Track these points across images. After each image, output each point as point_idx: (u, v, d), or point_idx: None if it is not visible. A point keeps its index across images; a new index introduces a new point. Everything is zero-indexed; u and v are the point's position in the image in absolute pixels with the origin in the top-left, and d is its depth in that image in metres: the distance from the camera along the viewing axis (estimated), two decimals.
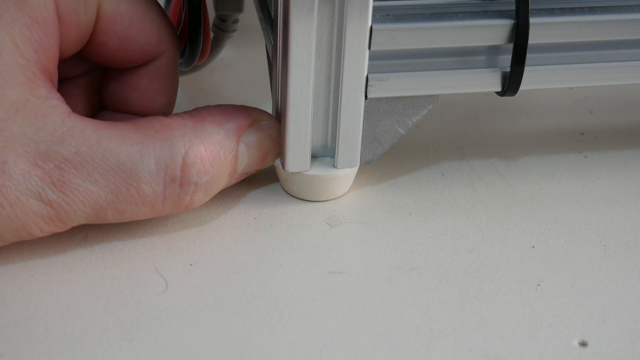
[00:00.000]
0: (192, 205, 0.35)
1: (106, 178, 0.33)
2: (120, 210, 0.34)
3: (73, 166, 0.33)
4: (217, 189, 0.36)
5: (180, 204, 0.35)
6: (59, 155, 0.32)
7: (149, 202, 0.34)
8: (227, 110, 0.36)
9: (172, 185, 0.34)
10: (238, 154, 0.36)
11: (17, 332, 0.32)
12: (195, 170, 0.34)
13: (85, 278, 0.34)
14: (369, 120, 0.37)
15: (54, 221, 0.33)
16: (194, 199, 0.35)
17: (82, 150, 0.33)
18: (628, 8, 0.36)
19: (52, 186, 0.32)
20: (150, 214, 0.34)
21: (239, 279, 0.34)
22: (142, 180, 0.33)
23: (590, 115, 0.46)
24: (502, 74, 0.37)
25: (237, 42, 0.47)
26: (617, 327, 0.33)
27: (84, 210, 0.33)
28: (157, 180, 0.34)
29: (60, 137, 0.32)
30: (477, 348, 0.32)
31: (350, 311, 0.33)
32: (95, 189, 0.33)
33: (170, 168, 0.34)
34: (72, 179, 0.33)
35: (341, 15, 0.34)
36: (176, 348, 0.31)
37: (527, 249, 0.36)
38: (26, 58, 0.32)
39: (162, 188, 0.34)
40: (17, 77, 0.32)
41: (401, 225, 0.37)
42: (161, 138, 0.34)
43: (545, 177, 0.41)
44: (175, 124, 0.34)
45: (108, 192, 0.33)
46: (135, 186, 0.33)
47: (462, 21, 0.35)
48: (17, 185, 0.32)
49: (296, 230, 0.37)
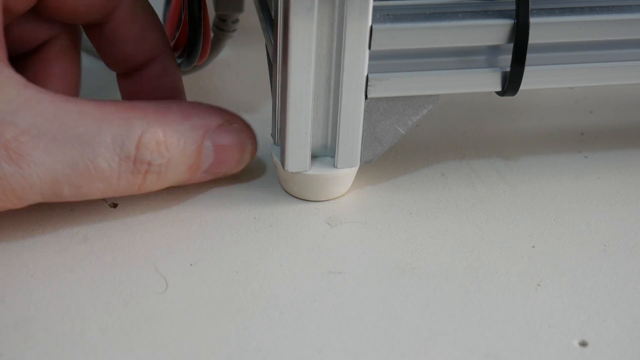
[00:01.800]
0: (144, 186, 0.35)
1: (63, 151, 0.33)
2: (77, 186, 0.33)
3: (30, 137, 0.32)
4: (174, 176, 0.35)
5: (134, 182, 0.34)
6: (15, 127, 0.32)
7: (105, 178, 0.34)
8: (197, 107, 0.36)
9: (127, 162, 0.34)
10: (202, 150, 0.36)
11: (17, 332, 0.32)
12: (149, 151, 0.34)
13: (85, 278, 0.34)
14: (369, 120, 0.37)
15: (8, 197, 0.32)
16: (146, 180, 0.35)
17: (39, 121, 0.32)
18: (628, 8, 0.36)
19: (9, 159, 0.32)
20: (106, 191, 0.34)
21: (239, 279, 0.34)
22: (98, 154, 0.33)
23: (590, 115, 0.46)
24: (502, 74, 0.37)
25: (237, 42, 0.47)
26: (617, 327, 0.33)
27: (40, 185, 0.33)
28: (112, 156, 0.33)
29: (16, 108, 0.32)
30: (477, 348, 0.32)
31: (350, 311, 0.33)
32: (52, 162, 0.32)
33: (126, 145, 0.34)
34: (29, 151, 0.32)
35: (341, 15, 0.34)
36: (176, 348, 0.31)
37: (527, 249, 0.36)
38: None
39: (117, 164, 0.34)
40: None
41: (401, 225, 0.37)
42: (120, 117, 0.34)
43: (545, 177, 0.41)
44: (137, 107, 0.34)
45: (65, 166, 0.33)
46: (92, 160, 0.33)
47: (462, 21, 0.35)
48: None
49: (296, 230, 0.37)
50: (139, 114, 0.34)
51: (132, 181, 0.34)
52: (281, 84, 0.35)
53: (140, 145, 0.34)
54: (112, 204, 0.38)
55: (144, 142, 0.34)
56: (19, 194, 0.33)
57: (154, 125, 0.34)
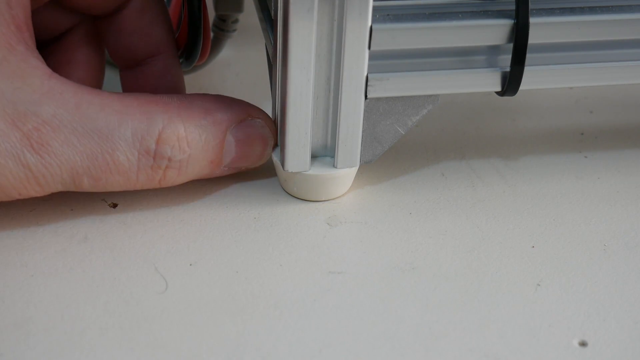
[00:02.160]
0: (165, 181, 0.35)
1: (83, 143, 0.33)
2: (96, 178, 0.34)
3: (51, 128, 0.32)
4: (194, 172, 0.35)
5: (153, 177, 0.35)
6: (37, 117, 0.32)
7: (124, 172, 0.34)
8: (220, 100, 0.36)
9: (146, 157, 0.34)
10: (224, 145, 0.36)
11: (17, 332, 0.32)
12: (169, 146, 0.34)
13: (85, 278, 0.34)
14: (369, 120, 0.37)
15: (32, 185, 0.33)
16: (166, 175, 0.35)
17: (60, 112, 0.32)
18: (628, 8, 0.36)
19: (31, 149, 0.32)
20: (125, 184, 0.34)
21: (239, 279, 0.34)
22: (117, 148, 0.33)
23: (590, 115, 0.46)
24: (502, 74, 0.37)
25: (237, 42, 0.47)
26: (617, 327, 0.33)
27: (60, 175, 0.33)
28: (132, 150, 0.34)
29: (39, 98, 0.32)
30: (477, 348, 0.32)
31: (350, 311, 0.33)
32: (72, 153, 0.33)
33: (146, 140, 0.34)
34: (50, 141, 0.32)
35: (341, 15, 0.34)
36: (176, 348, 0.31)
37: (527, 249, 0.36)
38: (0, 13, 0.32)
39: (137, 159, 0.34)
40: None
41: (401, 225, 0.37)
42: (142, 110, 0.34)
43: (545, 177, 0.41)
44: (159, 101, 0.34)
45: (84, 158, 0.33)
46: (110, 153, 0.33)
47: (462, 21, 0.35)
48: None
49: (296, 230, 0.37)
50: (161, 108, 0.34)
51: (152, 176, 0.35)
52: (281, 84, 0.35)
53: (160, 140, 0.34)
54: (112, 204, 0.38)
55: (164, 137, 0.34)
56: (41, 182, 0.33)
57: (175, 120, 0.34)
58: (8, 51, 0.32)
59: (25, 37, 0.33)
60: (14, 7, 0.32)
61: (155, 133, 0.34)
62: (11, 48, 0.32)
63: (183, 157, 0.35)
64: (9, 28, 0.32)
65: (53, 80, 0.33)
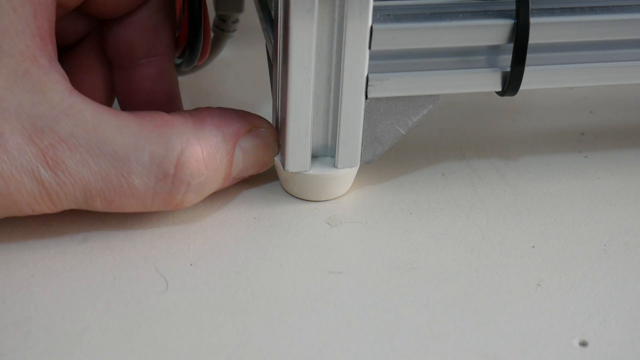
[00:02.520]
0: (182, 205, 0.35)
1: (98, 164, 0.33)
2: (109, 200, 0.33)
3: (67, 147, 0.32)
4: (209, 191, 0.36)
5: (170, 202, 0.34)
6: (54, 134, 0.32)
7: (138, 196, 0.34)
8: (227, 114, 0.36)
9: (164, 181, 0.34)
10: (234, 158, 0.36)
11: (17, 332, 0.32)
12: (189, 170, 0.34)
13: (85, 278, 0.34)
14: (369, 120, 0.37)
15: (45, 201, 0.33)
16: (185, 199, 0.35)
17: (78, 132, 0.32)
18: (628, 8, 0.36)
19: (46, 165, 0.32)
20: (139, 207, 0.34)
21: (239, 279, 0.34)
22: (133, 172, 0.33)
23: (590, 115, 0.46)
24: (502, 74, 0.37)
25: (237, 42, 0.47)
26: (617, 327, 0.33)
27: (73, 194, 0.33)
28: (149, 175, 0.33)
29: (58, 115, 0.32)
30: (477, 348, 0.32)
31: (350, 311, 0.33)
32: (86, 174, 0.33)
33: (164, 164, 0.33)
34: (65, 160, 0.32)
35: (341, 15, 0.34)
36: (176, 348, 0.31)
37: (527, 249, 0.36)
38: (25, 23, 0.31)
39: (154, 183, 0.34)
40: (16, 44, 0.31)
41: (401, 225, 0.37)
42: (159, 133, 0.34)
43: (545, 177, 0.41)
44: (175, 122, 0.34)
45: (98, 179, 0.33)
46: (125, 177, 0.33)
47: (462, 21, 0.35)
48: (12, 160, 0.32)
49: (296, 230, 0.37)
50: (178, 130, 0.34)
51: (169, 201, 0.34)
52: (281, 84, 0.35)
53: (179, 165, 0.34)
54: None
55: (183, 161, 0.34)
56: (54, 200, 0.33)
57: (192, 142, 0.34)
58: (31, 63, 0.32)
59: (49, 49, 0.32)
60: (39, 18, 0.32)
61: (174, 157, 0.34)
62: (34, 60, 0.32)
63: (201, 180, 0.34)
64: (34, 40, 0.32)
65: (73, 97, 0.32)
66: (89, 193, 0.33)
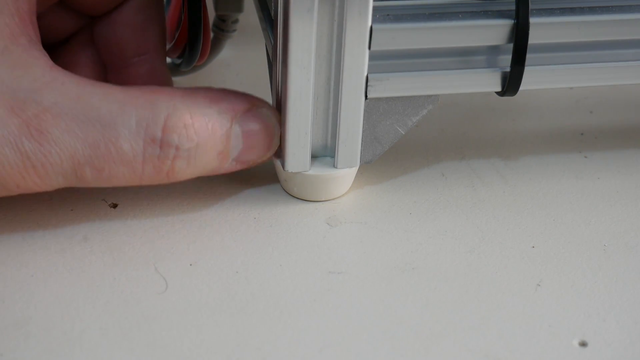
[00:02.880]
0: (173, 173, 0.34)
1: (84, 131, 0.32)
2: (98, 168, 0.33)
3: (52, 116, 0.32)
4: (203, 163, 0.35)
5: (161, 168, 0.34)
6: (37, 104, 0.31)
7: (128, 162, 0.33)
8: (225, 92, 0.35)
9: (152, 145, 0.33)
10: (231, 135, 0.35)
11: (17, 332, 0.32)
12: (176, 134, 0.33)
13: (85, 278, 0.34)
14: (369, 120, 0.37)
15: (30, 175, 0.32)
16: (175, 165, 0.34)
17: (62, 100, 0.32)
18: (628, 8, 0.36)
19: (30, 136, 0.32)
20: (131, 176, 0.33)
21: (239, 279, 0.34)
22: (120, 136, 0.32)
23: (590, 115, 0.46)
24: (502, 74, 0.37)
25: (237, 42, 0.47)
26: (617, 327, 0.33)
27: (60, 164, 0.32)
28: (136, 139, 0.33)
29: (40, 87, 0.32)
30: (477, 348, 0.32)
31: (350, 311, 0.33)
32: (72, 141, 0.32)
33: (151, 127, 0.33)
34: (50, 128, 0.32)
35: (341, 15, 0.34)
36: (176, 348, 0.31)
37: (527, 249, 0.36)
38: (4, 2, 0.31)
39: (142, 148, 0.33)
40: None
41: (401, 225, 0.37)
42: (145, 99, 0.33)
43: (545, 177, 0.41)
44: (163, 90, 0.34)
45: (86, 146, 0.32)
46: (113, 142, 0.32)
47: (462, 21, 0.35)
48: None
49: (296, 230, 0.37)
50: (166, 96, 0.33)
51: (159, 167, 0.33)
52: (281, 84, 0.35)
53: (166, 128, 0.33)
54: (112, 204, 0.38)
55: (170, 124, 0.33)
56: (40, 173, 0.32)
57: (180, 108, 0.33)
58: (11, 41, 0.31)
59: (29, 30, 0.32)
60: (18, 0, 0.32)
61: (161, 121, 0.33)
62: (14, 39, 0.32)
63: (191, 146, 0.34)
64: (13, 19, 0.32)
65: (55, 71, 0.32)
66: (77, 162, 0.32)
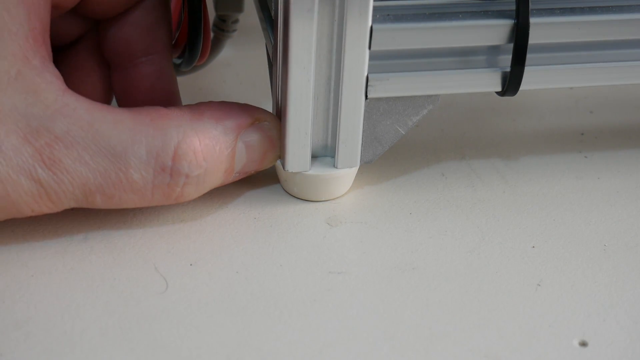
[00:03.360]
0: (182, 198, 0.35)
1: (95, 160, 0.33)
2: (109, 196, 0.33)
3: (64, 145, 0.32)
4: (210, 184, 0.35)
5: (170, 194, 0.34)
6: (50, 133, 0.32)
7: (138, 190, 0.34)
8: (227, 107, 0.36)
9: (162, 174, 0.34)
10: (236, 152, 0.35)
11: (17, 332, 0.32)
12: (186, 162, 0.34)
13: (85, 278, 0.34)
14: (369, 120, 0.37)
15: (44, 201, 0.33)
16: (184, 191, 0.34)
17: (73, 129, 0.32)
18: (628, 8, 0.36)
19: (42, 164, 0.32)
20: (140, 202, 0.34)
21: (239, 279, 0.34)
22: (131, 166, 0.33)
23: (590, 115, 0.46)
24: (502, 74, 0.37)
25: (237, 42, 0.47)
26: (617, 327, 0.33)
27: (72, 192, 0.33)
28: (146, 168, 0.33)
29: (52, 114, 0.32)
30: (477, 348, 0.32)
31: (350, 311, 0.33)
32: (84, 171, 0.33)
33: (161, 157, 0.33)
34: (62, 158, 0.32)
35: (341, 15, 0.34)
36: (176, 348, 0.31)
37: (527, 249, 0.36)
38: (19, 23, 0.31)
39: (152, 176, 0.33)
40: (9, 46, 0.31)
41: (401, 225, 0.37)
42: (155, 126, 0.33)
43: (545, 177, 0.41)
44: (172, 115, 0.34)
45: (97, 175, 0.33)
46: (124, 171, 0.33)
47: (462, 21, 0.35)
48: (8, 161, 0.32)
49: (296, 230, 0.37)
50: (175, 122, 0.34)
51: (169, 194, 0.34)
52: (281, 84, 0.35)
53: (176, 157, 0.34)
54: None
55: (180, 153, 0.34)
56: (53, 199, 0.33)
57: (189, 134, 0.34)
58: (24, 64, 0.32)
59: (42, 51, 0.32)
60: (33, 20, 0.32)
61: (171, 150, 0.33)
62: (27, 61, 0.32)
63: (200, 172, 0.34)
64: (27, 41, 0.32)
65: (67, 96, 0.32)
66: (88, 190, 0.33)
